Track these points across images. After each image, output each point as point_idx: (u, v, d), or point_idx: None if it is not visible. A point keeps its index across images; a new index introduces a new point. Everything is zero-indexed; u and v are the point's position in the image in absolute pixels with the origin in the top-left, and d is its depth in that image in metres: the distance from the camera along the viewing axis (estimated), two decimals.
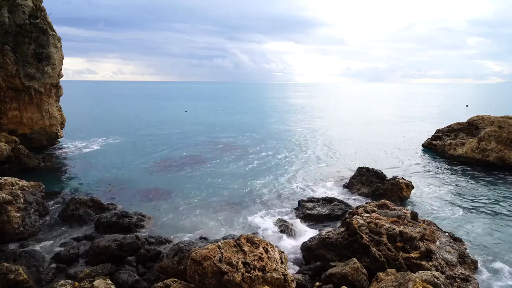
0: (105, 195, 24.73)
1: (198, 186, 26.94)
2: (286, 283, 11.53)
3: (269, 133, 53.06)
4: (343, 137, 49.49)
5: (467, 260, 15.08)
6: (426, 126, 59.50)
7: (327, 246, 15.46)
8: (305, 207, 21.36)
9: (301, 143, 45.49)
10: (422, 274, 11.39)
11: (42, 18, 34.24)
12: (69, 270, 15.05)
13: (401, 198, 23.63)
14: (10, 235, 17.37)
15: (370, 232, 15.06)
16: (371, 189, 24.68)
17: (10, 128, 33.47)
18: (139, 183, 27.66)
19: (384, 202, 18.89)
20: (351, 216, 16.80)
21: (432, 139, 41.34)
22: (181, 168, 32.52)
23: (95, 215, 20.39)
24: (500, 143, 32.57)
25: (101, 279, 12.91)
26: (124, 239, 16.24)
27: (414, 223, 16.24)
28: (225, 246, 11.78)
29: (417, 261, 13.66)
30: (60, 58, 35.85)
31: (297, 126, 62.49)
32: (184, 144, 43.97)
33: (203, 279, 11.00)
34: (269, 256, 11.93)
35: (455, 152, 35.43)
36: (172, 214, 21.72)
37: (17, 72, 32.37)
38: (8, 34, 31.95)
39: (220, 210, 22.36)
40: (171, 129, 57.22)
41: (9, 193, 18.60)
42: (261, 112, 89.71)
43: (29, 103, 34.33)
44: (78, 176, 29.55)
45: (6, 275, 13.04)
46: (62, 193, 25.09)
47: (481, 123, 37.62)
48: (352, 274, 12.94)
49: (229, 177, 29.45)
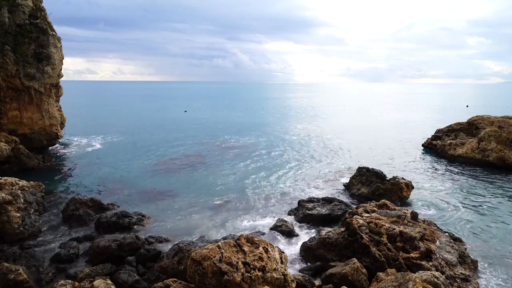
0: (105, 195, 24.74)
1: (198, 186, 26.94)
2: (286, 283, 11.53)
3: (269, 133, 53.07)
4: (343, 137, 49.49)
5: (467, 260, 15.08)
6: (426, 126, 59.55)
7: (327, 246, 15.46)
8: (305, 207, 21.35)
9: (301, 143, 45.50)
10: (422, 274, 11.39)
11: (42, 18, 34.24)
12: (69, 270, 15.06)
13: (401, 198, 23.63)
14: (10, 235, 17.37)
15: (370, 232, 15.07)
16: (371, 189, 24.67)
17: (10, 128, 33.47)
18: (139, 183, 27.66)
19: (384, 202, 18.90)
20: (351, 216, 16.80)
21: (432, 139, 41.34)
22: (181, 168, 32.52)
23: (95, 215, 20.39)
24: (500, 143, 32.57)
25: (101, 279, 12.90)
26: (124, 239, 16.25)
27: (414, 223, 16.24)
28: (225, 246, 11.78)
29: (417, 261, 13.66)
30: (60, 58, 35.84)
31: (297, 126, 62.50)
32: (183, 144, 43.97)
33: (203, 279, 11.00)
34: (269, 256, 11.93)
35: (455, 152, 35.43)
36: (172, 214, 21.73)
37: (17, 72, 32.36)
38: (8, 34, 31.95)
39: (220, 210, 22.37)
40: (171, 129, 57.23)
41: (9, 193, 18.60)
42: (261, 112, 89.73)
43: (29, 103, 34.32)
44: (78, 176, 29.55)
45: (6, 275, 13.04)
46: (62, 193, 25.11)
47: (481, 123, 37.63)
48: (352, 274, 12.94)
49: (229, 177, 29.45)
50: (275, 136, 50.29)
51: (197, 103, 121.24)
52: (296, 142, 45.85)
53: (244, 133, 53.09)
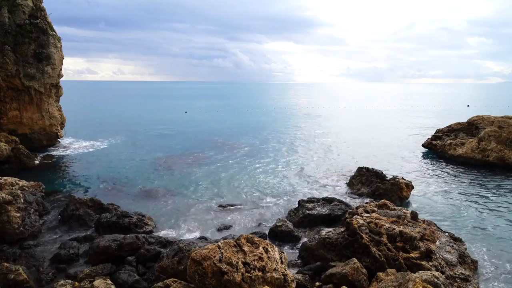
0: (105, 195, 24.73)
1: (198, 186, 26.95)
2: (286, 283, 11.53)
3: (269, 133, 53.08)
4: (343, 137, 49.50)
5: (467, 260, 15.08)
6: (426, 126, 59.54)
7: (327, 246, 15.46)
8: (305, 207, 21.35)
9: (300, 143, 45.52)
10: (422, 274, 11.38)
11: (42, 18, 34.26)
12: (69, 270, 15.06)
13: (401, 198, 23.63)
14: (10, 235, 17.36)
15: (370, 232, 15.06)
16: (371, 189, 24.68)
17: (10, 128, 33.49)
18: (139, 183, 27.66)
19: (384, 202, 18.89)
20: (351, 216, 16.79)
21: (432, 139, 41.33)
22: (181, 168, 32.52)
23: (95, 215, 20.38)
24: (500, 143, 32.56)
25: (101, 279, 12.90)
26: (124, 239, 16.23)
27: (414, 223, 16.24)
28: (225, 246, 11.78)
29: (417, 261, 13.65)
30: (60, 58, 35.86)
31: (297, 126, 62.51)
32: (183, 144, 43.98)
33: (203, 279, 11.00)
34: (269, 256, 11.93)
35: (455, 152, 35.42)
36: (172, 214, 21.74)
37: (17, 72, 32.38)
38: (8, 34, 31.96)
39: (220, 210, 22.38)
40: (171, 129, 57.26)
41: (9, 193, 18.60)
42: (261, 112, 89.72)
43: (29, 103, 34.34)
44: (78, 176, 29.55)
45: (6, 275, 13.04)
46: (62, 193, 25.11)
47: (481, 123, 37.62)
48: (352, 274, 12.94)
49: (229, 177, 29.46)
50: (275, 136, 50.30)
51: (197, 103, 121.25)
52: (296, 142, 45.85)
53: (244, 133, 53.09)
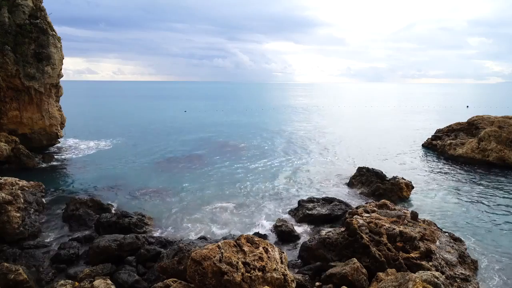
0: (105, 195, 24.73)
1: (198, 186, 26.94)
2: (286, 283, 11.53)
3: (269, 133, 53.07)
4: (343, 137, 49.48)
5: (467, 260, 15.08)
6: (426, 126, 59.52)
7: (327, 246, 15.45)
8: (305, 207, 21.36)
9: (301, 143, 45.51)
10: (422, 274, 11.38)
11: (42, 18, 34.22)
12: (69, 270, 15.06)
13: (401, 198, 23.64)
14: (10, 235, 17.36)
15: (370, 232, 15.06)
16: (371, 189, 24.69)
17: (10, 128, 33.46)
18: (139, 183, 27.65)
19: (384, 202, 18.90)
20: (351, 216, 16.80)
21: (432, 139, 41.36)
22: (181, 168, 32.52)
23: (95, 215, 20.39)
24: (500, 143, 32.57)
25: (101, 279, 12.89)
26: (124, 239, 16.23)
27: (414, 223, 16.24)
28: (225, 246, 11.78)
29: (417, 261, 13.66)
30: (60, 58, 35.82)
31: (297, 126, 62.49)
32: (183, 144, 43.97)
33: (203, 279, 10.99)
34: (269, 256, 11.93)
35: (455, 152, 35.43)
36: (172, 214, 21.74)
37: (17, 72, 32.35)
38: (8, 34, 31.93)
39: (220, 210, 22.37)
40: (171, 129, 57.24)
41: (9, 193, 18.61)
42: (261, 112, 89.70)
43: (29, 103, 34.30)
44: (78, 176, 29.54)
45: (6, 275, 13.04)
46: (62, 193, 25.10)
47: (481, 123, 37.64)
48: (352, 274, 12.93)
49: (229, 177, 29.45)
50: (275, 137, 50.29)
51: (197, 103, 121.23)
52: (296, 142, 45.84)
53: (244, 133, 53.08)
